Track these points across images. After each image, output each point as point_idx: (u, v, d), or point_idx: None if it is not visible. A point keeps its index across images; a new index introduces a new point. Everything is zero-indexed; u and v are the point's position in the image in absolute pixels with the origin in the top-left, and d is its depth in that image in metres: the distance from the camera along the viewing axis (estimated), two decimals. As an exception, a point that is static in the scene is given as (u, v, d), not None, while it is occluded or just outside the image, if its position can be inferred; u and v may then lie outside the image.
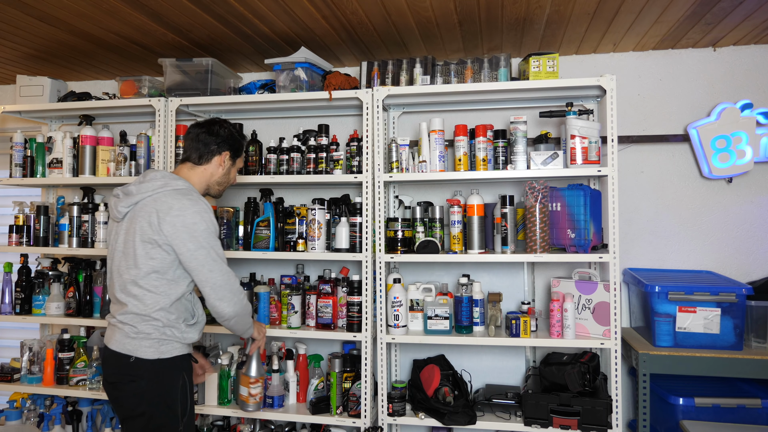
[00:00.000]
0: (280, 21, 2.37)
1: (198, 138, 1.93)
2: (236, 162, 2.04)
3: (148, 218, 1.75)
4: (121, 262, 1.80)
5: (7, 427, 2.75)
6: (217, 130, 1.95)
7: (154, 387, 1.75)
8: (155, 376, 1.76)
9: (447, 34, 2.51)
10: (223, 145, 1.95)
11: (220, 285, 1.79)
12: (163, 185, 1.82)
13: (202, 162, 1.94)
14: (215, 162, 1.95)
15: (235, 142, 1.99)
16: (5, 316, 2.80)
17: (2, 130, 3.37)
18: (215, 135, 1.94)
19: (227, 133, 1.97)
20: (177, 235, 1.74)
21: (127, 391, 1.76)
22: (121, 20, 2.37)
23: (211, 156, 1.94)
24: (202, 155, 1.93)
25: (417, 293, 2.49)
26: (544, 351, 2.62)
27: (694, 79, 2.68)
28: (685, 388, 2.39)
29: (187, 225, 1.74)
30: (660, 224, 2.68)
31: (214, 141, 1.93)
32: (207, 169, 1.95)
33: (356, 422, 2.40)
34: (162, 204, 1.76)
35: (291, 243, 2.56)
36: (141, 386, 1.74)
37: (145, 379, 1.75)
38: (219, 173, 1.98)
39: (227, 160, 1.98)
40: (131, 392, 1.75)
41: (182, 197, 1.78)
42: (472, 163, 2.48)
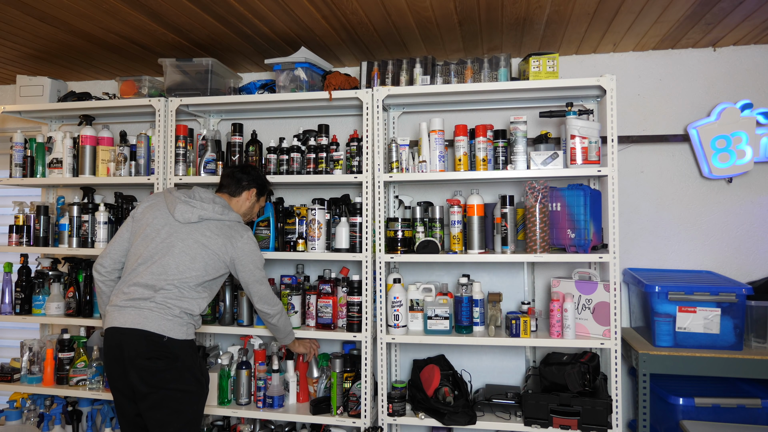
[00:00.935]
0: (280, 21, 2.37)
1: (233, 175, 2.32)
2: (260, 200, 2.39)
3: (223, 240, 2.13)
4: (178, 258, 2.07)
5: (7, 427, 2.75)
6: (251, 171, 2.36)
7: (184, 362, 2.02)
8: (185, 354, 2.03)
9: (447, 34, 2.51)
10: (252, 183, 2.32)
11: (265, 294, 2.24)
12: (225, 211, 2.19)
13: (236, 194, 2.30)
14: (244, 196, 2.31)
15: (262, 183, 2.37)
16: (5, 316, 2.80)
17: (2, 130, 3.37)
18: (247, 174, 2.33)
19: (256, 174, 2.36)
20: (242, 257, 2.15)
21: (161, 368, 1.98)
22: (121, 20, 2.37)
23: (242, 190, 2.31)
24: (236, 189, 2.30)
25: (417, 293, 2.49)
26: (544, 351, 2.62)
27: (694, 79, 2.68)
28: (685, 388, 2.39)
29: (252, 251, 2.19)
30: (660, 224, 2.68)
31: (246, 178, 2.32)
32: (238, 201, 2.31)
33: (356, 422, 2.40)
34: (235, 231, 2.17)
35: (291, 243, 2.56)
36: (177, 364, 2.00)
37: (179, 354, 2.01)
38: (246, 205, 2.33)
39: (253, 196, 2.33)
40: (166, 370, 1.98)
41: (246, 229, 2.22)
42: (472, 163, 2.48)
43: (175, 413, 1.98)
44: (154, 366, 1.97)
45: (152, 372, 1.97)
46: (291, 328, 2.39)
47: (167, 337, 1.99)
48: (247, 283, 2.21)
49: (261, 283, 2.23)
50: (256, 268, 2.21)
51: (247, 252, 2.18)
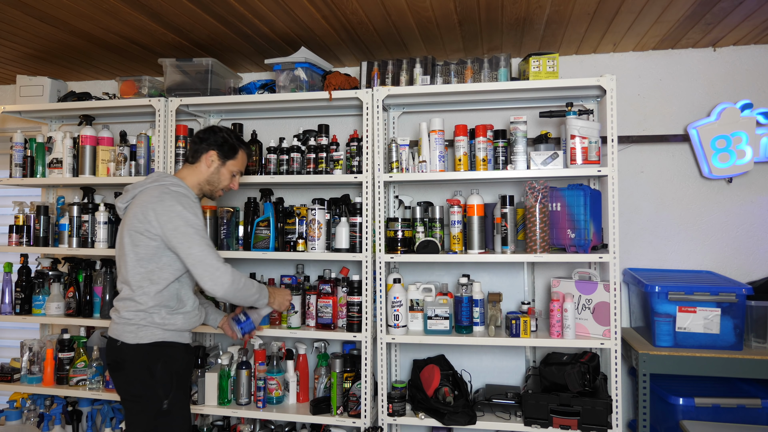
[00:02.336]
0: (280, 21, 2.37)
1: (192, 140, 2.12)
2: (227, 164, 2.11)
3: (136, 209, 1.93)
4: (118, 253, 1.99)
5: (7, 427, 2.75)
6: (207, 132, 2.10)
7: (135, 370, 1.89)
8: (135, 360, 1.89)
9: (447, 34, 2.51)
10: (211, 144, 2.07)
11: (200, 260, 1.88)
12: (153, 180, 1.99)
13: (193, 161, 2.09)
14: (203, 161, 2.08)
15: (224, 143, 2.09)
16: (5, 316, 2.80)
17: (2, 130, 3.37)
18: (208, 134, 2.09)
19: (221, 136, 2.10)
20: (160, 219, 1.88)
21: (116, 375, 1.93)
22: (121, 20, 2.37)
23: (199, 155, 2.08)
24: (194, 153, 2.09)
25: (417, 293, 2.49)
26: (544, 351, 2.62)
27: (694, 79, 2.68)
28: (685, 388, 2.39)
29: (166, 207, 1.90)
30: (660, 224, 2.68)
31: (203, 141, 2.08)
32: (197, 167, 2.08)
33: (356, 422, 2.40)
34: (148, 195, 1.93)
35: (291, 243, 2.56)
36: (125, 369, 1.91)
37: (127, 362, 1.90)
38: (207, 172, 2.08)
39: (215, 159, 2.08)
40: (119, 376, 1.93)
41: (167, 189, 1.94)
42: (472, 163, 2.48)
43: (129, 425, 1.93)
44: (112, 373, 1.95)
45: (113, 380, 1.96)
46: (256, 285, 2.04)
47: (120, 342, 1.91)
48: (175, 248, 1.89)
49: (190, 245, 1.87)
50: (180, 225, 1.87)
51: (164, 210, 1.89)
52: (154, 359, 1.91)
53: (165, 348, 1.94)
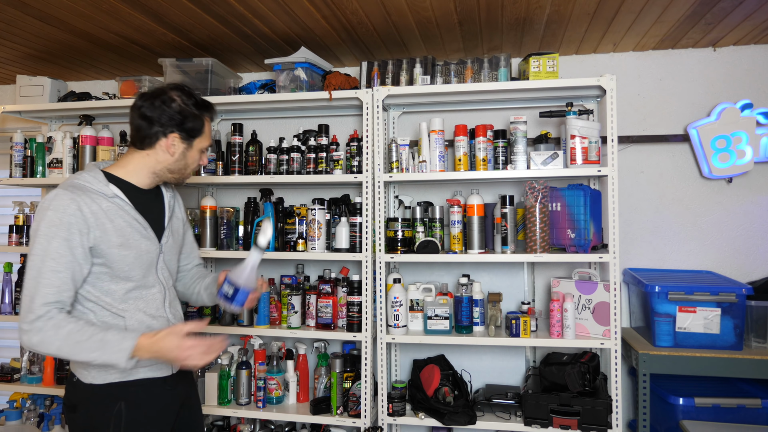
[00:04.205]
0: (280, 21, 2.37)
1: (138, 117, 1.56)
2: (194, 144, 1.60)
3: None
4: None
5: (7, 427, 2.75)
6: (160, 105, 1.53)
7: (83, 416, 1.50)
8: (85, 403, 1.50)
9: (447, 34, 2.51)
10: (169, 124, 1.54)
11: (23, 295, 1.40)
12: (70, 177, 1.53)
13: (144, 146, 1.56)
14: (161, 147, 1.56)
15: (186, 119, 1.55)
16: (5, 316, 2.80)
17: (2, 130, 3.37)
18: (159, 111, 1.53)
19: (177, 108, 1.54)
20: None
21: (69, 417, 1.54)
22: (121, 20, 2.37)
23: (155, 139, 1.55)
24: (144, 138, 1.55)
25: (417, 293, 2.49)
26: (544, 351, 2.62)
27: (694, 79, 2.68)
28: (685, 388, 2.39)
29: (39, 219, 1.43)
30: (660, 224, 2.68)
31: (158, 121, 1.53)
32: (150, 155, 1.57)
33: (356, 422, 2.40)
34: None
35: (291, 243, 2.56)
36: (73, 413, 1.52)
37: (78, 404, 1.51)
38: (168, 160, 1.58)
39: (178, 143, 1.57)
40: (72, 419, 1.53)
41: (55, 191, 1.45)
42: (472, 163, 2.48)
43: None
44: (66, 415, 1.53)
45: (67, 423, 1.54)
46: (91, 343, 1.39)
47: (76, 378, 1.51)
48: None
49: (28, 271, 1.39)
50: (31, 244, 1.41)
51: (36, 222, 1.42)
52: (107, 405, 1.47)
53: (124, 389, 1.50)
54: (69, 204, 1.42)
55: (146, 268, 1.56)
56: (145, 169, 1.59)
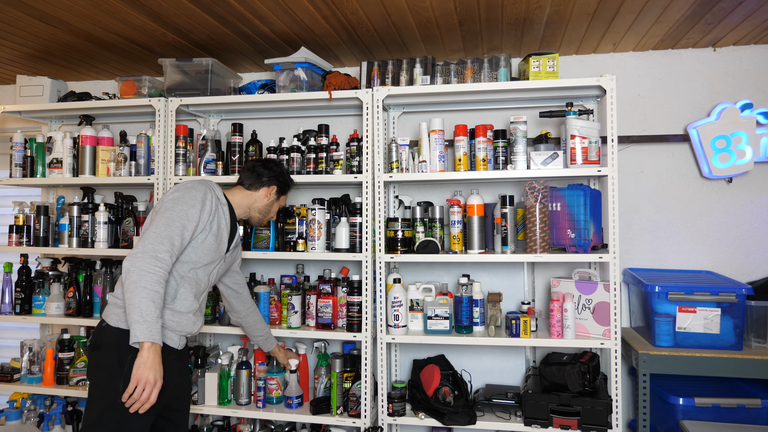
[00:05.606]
0: (280, 21, 2.37)
1: (254, 169, 2.16)
2: (280, 199, 2.23)
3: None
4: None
5: (7, 427, 2.75)
6: (273, 167, 2.18)
7: (106, 355, 1.79)
8: (109, 344, 1.79)
9: (447, 34, 2.51)
10: (273, 179, 2.16)
11: (143, 239, 1.75)
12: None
13: (251, 188, 2.14)
14: (263, 192, 2.15)
15: (284, 181, 2.20)
16: (5, 316, 2.80)
17: (2, 130, 3.37)
18: (269, 169, 2.16)
19: (279, 171, 2.19)
20: (162, 200, 1.88)
21: (91, 355, 1.85)
22: (121, 20, 2.37)
23: (260, 186, 2.15)
24: (253, 183, 2.14)
25: (417, 293, 2.49)
26: (544, 351, 2.62)
27: (694, 79, 2.68)
28: (685, 388, 2.39)
29: (174, 189, 1.90)
30: (660, 224, 2.68)
31: (267, 174, 2.15)
32: (253, 195, 2.14)
33: (356, 422, 2.40)
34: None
35: (291, 243, 2.56)
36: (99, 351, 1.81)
37: (103, 345, 1.81)
38: (263, 203, 2.16)
39: (273, 194, 2.18)
40: (92, 356, 1.84)
41: (195, 179, 1.97)
42: (472, 163, 2.48)
43: (86, 410, 1.81)
44: (89, 353, 1.89)
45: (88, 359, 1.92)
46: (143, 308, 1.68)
47: (105, 323, 1.84)
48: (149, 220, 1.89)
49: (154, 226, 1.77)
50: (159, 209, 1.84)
51: (168, 195, 1.89)
52: (127, 349, 1.73)
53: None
54: (207, 191, 1.93)
55: (213, 261, 1.99)
56: (244, 203, 2.13)
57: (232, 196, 2.09)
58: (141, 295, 1.67)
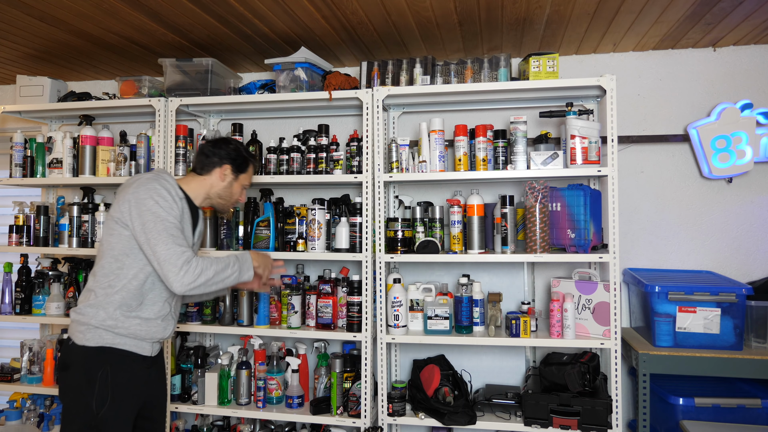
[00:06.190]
0: (280, 21, 2.37)
1: (203, 151, 2.04)
2: (240, 178, 2.08)
3: (119, 196, 1.84)
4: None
5: (7, 427, 2.75)
6: (222, 144, 2.05)
7: (74, 375, 1.76)
8: (77, 363, 1.76)
9: (447, 34, 2.51)
10: (225, 158, 2.03)
11: (165, 260, 1.74)
12: (150, 173, 1.90)
13: (203, 172, 2.02)
14: (216, 174, 2.02)
15: (238, 157, 2.05)
16: (5, 316, 2.80)
17: (2, 130, 3.37)
18: (219, 148, 2.03)
19: (233, 148, 2.05)
20: (133, 212, 1.78)
21: (60, 376, 1.81)
22: (121, 20, 2.37)
23: (212, 167, 2.02)
24: (204, 165, 2.02)
25: (417, 293, 2.49)
26: (544, 351, 2.62)
27: (694, 79, 2.68)
28: (685, 388, 2.39)
29: (139, 200, 1.79)
30: (660, 224, 2.68)
31: (217, 154, 2.02)
32: (207, 180, 2.02)
33: (356, 422, 2.40)
34: (126, 185, 1.86)
35: (291, 243, 2.56)
36: (68, 372, 1.78)
37: (71, 365, 1.77)
38: (220, 186, 2.04)
39: (229, 173, 2.04)
40: (61, 378, 1.80)
41: (146, 178, 1.84)
42: (472, 163, 2.48)
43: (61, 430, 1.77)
44: (57, 374, 1.88)
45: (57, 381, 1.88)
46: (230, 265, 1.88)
47: (71, 341, 1.80)
48: (145, 251, 1.78)
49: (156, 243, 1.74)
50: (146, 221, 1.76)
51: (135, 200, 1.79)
52: (95, 366, 1.73)
53: (112, 355, 1.77)
54: (170, 188, 1.85)
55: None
56: (201, 190, 2.02)
57: (187, 186, 1.99)
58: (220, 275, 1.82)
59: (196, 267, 1.77)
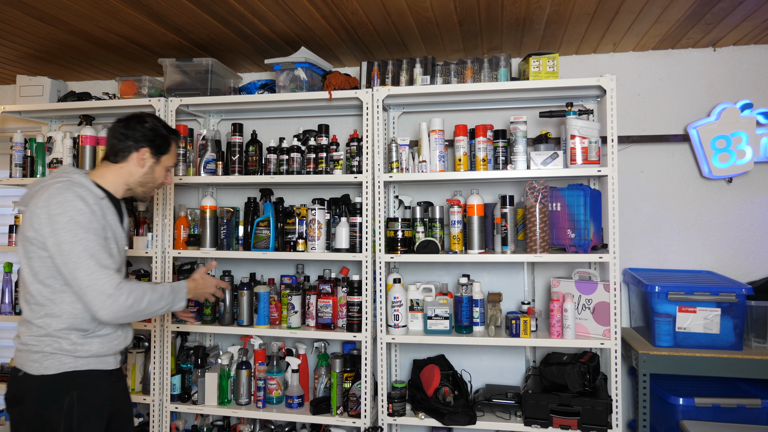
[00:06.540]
0: (280, 21, 2.37)
1: (114, 134, 1.76)
2: (162, 160, 1.83)
3: (29, 213, 1.62)
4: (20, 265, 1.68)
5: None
6: (135, 125, 1.77)
7: (37, 407, 1.57)
8: (35, 395, 1.58)
9: (447, 34, 2.51)
10: (141, 141, 1.76)
11: (88, 286, 1.55)
12: (56, 176, 1.67)
13: (118, 160, 1.76)
14: (133, 160, 1.77)
15: (157, 137, 1.79)
16: (5, 316, 2.80)
17: (2, 130, 3.37)
18: (133, 130, 1.76)
19: (149, 127, 1.78)
20: (40, 228, 1.57)
21: (13, 411, 1.61)
22: (121, 20, 2.37)
23: (128, 153, 1.76)
24: (118, 152, 1.76)
25: (417, 293, 2.49)
26: (544, 351, 2.62)
27: (694, 79, 2.68)
28: (685, 388, 2.39)
29: (51, 216, 1.56)
30: (660, 224, 2.68)
31: (131, 137, 1.75)
32: (124, 168, 1.77)
33: (356, 422, 2.40)
34: (38, 197, 1.61)
35: (291, 243, 2.56)
36: (24, 405, 1.58)
37: (27, 396, 1.58)
38: (139, 173, 1.79)
39: (148, 157, 1.79)
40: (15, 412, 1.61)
41: (56, 187, 1.60)
42: (472, 163, 2.48)
43: None
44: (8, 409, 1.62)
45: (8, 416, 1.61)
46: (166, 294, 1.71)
47: (22, 372, 1.60)
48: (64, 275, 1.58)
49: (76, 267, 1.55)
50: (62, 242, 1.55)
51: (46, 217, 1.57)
52: (59, 394, 1.57)
53: (76, 379, 1.61)
54: (86, 195, 1.62)
55: (119, 262, 1.75)
56: (120, 181, 1.78)
57: (103, 179, 1.75)
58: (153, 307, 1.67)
59: (129, 296, 1.59)
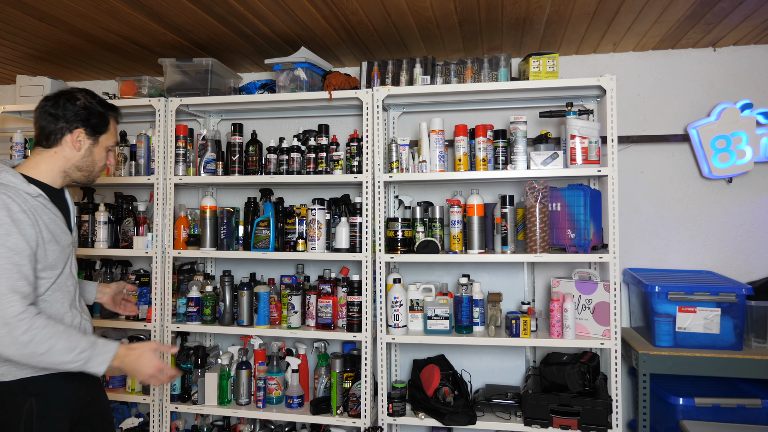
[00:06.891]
0: (280, 21, 2.37)
1: (43, 115, 1.57)
2: (100, 140, 1.63)
3: None
4: None
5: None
6: (65, 103, 1.57)
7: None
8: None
9: (447, 34, 2.51)
10: (74, 121, 1.57)
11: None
12: None
13: (51, 144, 1.57)
14: (67, 143, 1.58)
15: (92, 115, 1.60)
16: None
17: (2, 130, 3.37)
18: (63, 109, 1.57)
19: (81, 105, 1.59)
20: None
21: None
22: (121, 20, 2.37)
23: (60, 136, 1.57)
24: (50, 135, 1.56)
25: (417, 293, 2.49)
26: (544, 351, 2.62)
27: (694, 79, 2.68)
28: (685, 388, 2.39)
29: None
30: (660, 224, 2.68)
31: (63, 117, 1.56)
32: (58, 153, 1.57)
33: (356, 422, 2.40)
34: None
35: (291, 243, 2.56)
36: None
37: None
38: (76, 157, 1.59)
39: (84, 138, 1.59)
40: None
41: None
42: (472, 163, 2.48)
43: None
44: None
45: None
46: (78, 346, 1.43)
47: None
48: None
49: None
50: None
51: None
52: (18, 402, 1.45)
53: (36, 385, 1.49)
54: (10, 203, 1.43)
55: (65, 261, 1.57)
56: (56, 168, 1.59)
57: (36, 169, 1.57)
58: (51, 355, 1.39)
59: (27, 332, 1.37)
